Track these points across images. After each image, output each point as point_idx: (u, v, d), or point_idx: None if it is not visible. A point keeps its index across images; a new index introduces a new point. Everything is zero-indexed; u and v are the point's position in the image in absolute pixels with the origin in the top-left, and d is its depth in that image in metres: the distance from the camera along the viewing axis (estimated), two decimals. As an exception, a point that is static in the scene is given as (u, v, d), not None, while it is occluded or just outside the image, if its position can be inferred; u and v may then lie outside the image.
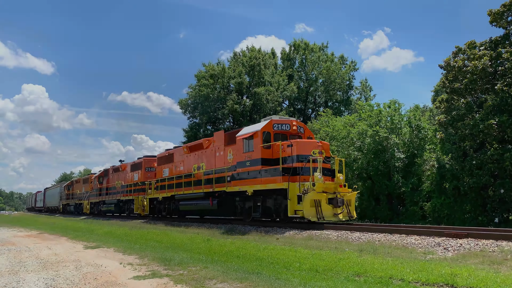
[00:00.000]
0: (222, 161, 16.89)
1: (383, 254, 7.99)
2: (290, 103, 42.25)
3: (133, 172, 27.11)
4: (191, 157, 19.71)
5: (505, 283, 5.26)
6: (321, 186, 12.39)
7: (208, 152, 18.27)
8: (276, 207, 13.87)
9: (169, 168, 21.94)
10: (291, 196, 12.63)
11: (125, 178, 28.44)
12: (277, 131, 14.66)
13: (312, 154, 13.01)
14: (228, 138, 16.70)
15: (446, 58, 18.99)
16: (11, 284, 6.59)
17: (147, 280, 6.53)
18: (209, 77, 38.90)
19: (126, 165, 28.94)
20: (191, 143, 20.55)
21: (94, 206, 34.61)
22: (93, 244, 12.43)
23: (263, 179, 13.79)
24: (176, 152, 21.58)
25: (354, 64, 43.55)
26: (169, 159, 22.23)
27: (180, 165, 20.90)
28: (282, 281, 5.89)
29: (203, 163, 18.40)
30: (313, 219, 12.23)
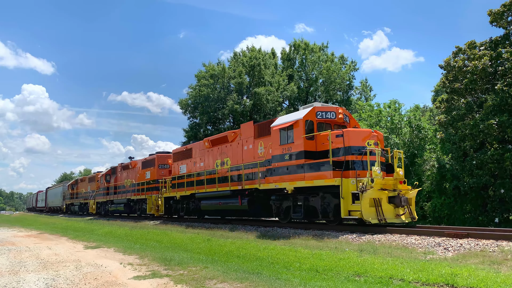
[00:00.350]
0: (251, 155, 15.36)
1: (383, 254, 7.99)
2: (290, 103, 42.25)
3: (145, 169, 25.37)
4: (213, 152, 18.01)
5: (505, 283, 5.26)
6: (380, 183, 10.76)
7: (233, 146, 16.60)
8: (324, 206, 12.03)
9: (186, 165, 20.24)
10: (345, 194, 10.85)
11: (135, 176, 26.72)
12: (320, 120, 12.83)
13: (366, 146, 11.43)
14: (259, 129, 15.11)
15: (446, 58, 19.00)
16: (11, 284, 6.60)
17: (147, 280, 6.53)
18: (209, 77, 38.92)
19: (137, 162, 27.20)
20: (213, 137, 18.53)
21: (101, 206, 32.96)
22: (93, 244, 12.43)
23: (307, 175, 12.03)
24: (195, 147, 19.89)
25: (354, 64, 43.56)
26: (186, 154, 20.52)
27: (199, 161, 19.21)
28: (282, 281, 5.89)
29: (228, 158, 16.80)
30: (373, 221, 10.47)
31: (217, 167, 17.54)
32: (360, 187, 10.61)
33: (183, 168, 20.58)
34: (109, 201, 30.72)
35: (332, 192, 11.53)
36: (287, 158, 12.92)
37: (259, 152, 14.92)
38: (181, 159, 20.88)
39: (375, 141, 11.70)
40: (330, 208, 11.84)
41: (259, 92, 36.64)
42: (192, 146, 20.24)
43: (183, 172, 20.38)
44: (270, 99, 37.17)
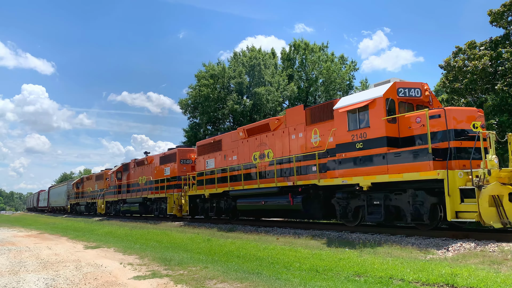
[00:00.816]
0: (301, 145, 13.13)
1: (383, 254, 7.99)
2: (291, 103, 42.23)
3: (164, 165, 23.06)
4: (250, 142, 15.66)
5: (505, 283, 5.25)
6: (497, 175, 8.59)
7: (277, 135, 14.31)
8: (416, 206, 9.58)
9: (215, 159, 17.93)
10: (452, 190, 8.59)
11: (152, 173, 24.20)
12: (402, 98, 10.53)
13: (472, 128, 9.26)
14: (312, 114, 12.78)
15: (446, 58, 18.99)
16: (11, 284, 6.60)
17: (147, 280, 6.53)
18: (209, 77, 38.91)
19: (153, 158, 24.82)
20: (250, 126, 16.03)
21: (111, 205, 30.55)
22: (93, 244, 12.43)
23: (392, 167, 9.66)
24: (226, 138, 17.51)
25: (354, 64, 43.54)
26: (215, 147, 18.15)
27: (231, 154, 16.88)
28: (282, 281, 5.89)
29: (269, 149, 14.59)
30: (496, 225, 8.22)
31: (255, 160, 15.30)
32: (475, 181, 8.36)
33: (210, 163, 18.30)
34: (121, 201, 28.19)
35: (427, 188, 9.36)
36: (360, 146, 10.54)
37: (313, 141, 12.62)
38: (208, 153, 18.56)
39: (481, 122, 9.56)
40: (424, 209, 9.41)
41: (259, 92, 36.63)
42: (221, 137, 17.85)
43: (210, 167, 18.14)
44: (270, 99, 37.16)
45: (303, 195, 12.64)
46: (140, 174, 25.96)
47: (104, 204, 31.61)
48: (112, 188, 30.05)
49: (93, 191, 35.81)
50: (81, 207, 39.09)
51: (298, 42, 43.30)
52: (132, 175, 27.50)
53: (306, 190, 12.69)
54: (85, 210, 37.96)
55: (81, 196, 40.28)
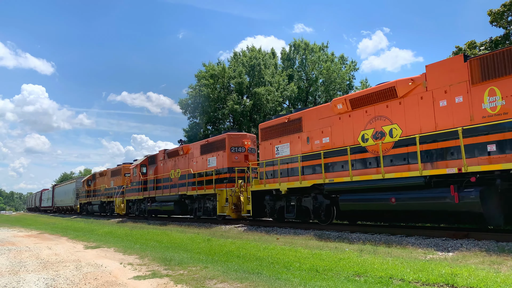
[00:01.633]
0: (461, 114, 9.08)
1: (383, 254, 7.99)
2: (291, 103, 42.25)
3: (207, 154, 19.24)
4: (356, 117, 11.65)
5: (505, 283, 5.25)
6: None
7: (408, 103, 10.30)
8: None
9: (291, 143, 14.08)
10: None
11: (189, 165, 20.39)
12: None
13: None
14: (483, 67, 8.75)
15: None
16: (11, 284, 6.60)
17: (147, 280, 6.53)
18: (209, 77, 38.92)
19: (191, 147, 20.94)
20: (357, 94, 11.82)
21: (134, 204, 26.58)
22: (93, 244, 12.43)
23: None
24: (310, 114, 13.44)
25: (354, 64, 43.57)
26: (290, 128, 14.24)
27: (320, 135, 12.82)
28: (282, 281, 5.89)
29: (393, 125, 10.56)
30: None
31: (364, 141, 11.23)
32: None
33: (283, 149, 14.45)
34: (148, 199, 24.28)
35: None
36: None
37: (489, 106, 8.59)
38: (278, 136, 14.83)
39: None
40: None
41: (259, 92, 36.64)
42: (301, 114, 13.84)
43: (284, 153, 14.32)
44: (270, 99, 37.17)
45: (481, 187, 8.41)
46: (173, 167, 22.04)
47: (125, 203, 27.41)
48: (135, 185, 25.80)
49: (108, 188, 32.06)
50: (94, 207, 35.13)
51: (298, 42, 43.32)
52: (161, 168, 23.32)
53: (483, 180, 8.53)
54: (98, 210, 33.98)
55: (93, 194, 36.34)
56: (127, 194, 27.31)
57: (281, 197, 14.13)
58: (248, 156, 17.77)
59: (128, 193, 27.16)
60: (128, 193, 27.10)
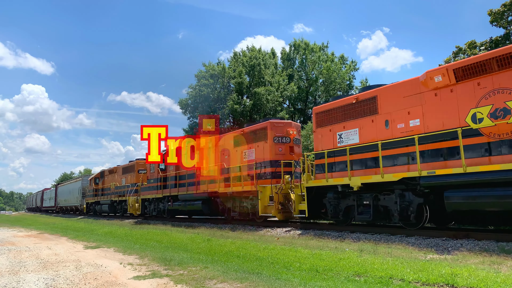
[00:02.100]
0: None
1: (383, 254, 7.99)
2: (291, 103, 42.25)
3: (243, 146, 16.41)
4: (462, 92, 9.17)
5: (505, 283, 5.25)
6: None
7: None
8: None
9: (360, 128, 11.65)
10: None
11: (221, 158, 17.59)
12: None
13: None
14: None
15: (447, 58, 19.02)
16: (11, 284, 6.59)
17: (147, 280, 6.53)
18: (209, 77, 38.93)
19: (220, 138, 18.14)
20: (467, 61, 9.28)
21: (151, 204, 23.78)
22: (93, 244, 12.43)
23: None
24: (387, 93, 11.00)
25: (354, 64, 43.56)
26: (360, 109, 11.74)
27: (404, 118, 10.40)
28: (282, 281, 5.88)
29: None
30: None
31: (476, 122, 8.77)
32: None
33: (348, 136, 11.99)
34: (168, 198, 21.43)
35: None
36: None
37: None
38: (340, 121, 12.31)
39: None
40: None
41: (259, 92, 36.64)
42: (375, 93, 11.37)
43: (350, 141, 11.86)
44: (270, 99, 37.17)
45: None
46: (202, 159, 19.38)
47: (140, 202, 24.67)
48: (152, 182, 23.02)
49: (119, 186, 29.36)
50: (103, 207, 32.28)
51: (298, 42, 43.32)
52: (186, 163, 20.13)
53: None
54: (108, 210, 31.29)
55: (101, 193, 33.55)
56: (142, 193, 24.46)
57: (349, 194, 11.75)
58: (294, 148, 15.13)
59: (144, 192, 24.36)
60: (144, 192, 24.25)
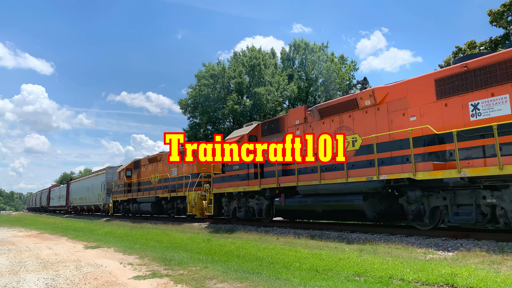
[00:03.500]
0: None
1: (383, 254, 7.99)
2: (291, 103, 42.27)
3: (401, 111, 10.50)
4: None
5: (505, 283, 5.26)
6: None
7: None
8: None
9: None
10: None
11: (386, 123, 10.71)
12: None
13: None
14: None
15: (446, 58, 19.03)
16: (11, 284, 6.60)
17: (147, 280, 6.53)
18: (209, 77, 38.95)
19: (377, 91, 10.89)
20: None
21: (232, 201, 16.52)
22: (93, 244, 12.44)
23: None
24: None
25: (354, 64, 43.61)
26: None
27: None
28: (282, 281, 5.89)
29: None
30: None
31: None
32: None
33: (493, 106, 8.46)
34: (270, 190, 14.00)
35: None
36: None
37: None
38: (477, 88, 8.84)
39: None
40: None
41: (259, 92, 36.66)
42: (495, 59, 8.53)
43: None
44: (270, 99, 37.19)
45: None
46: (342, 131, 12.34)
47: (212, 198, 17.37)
48: (237, 169, 15.72)
49: (169, 178, 21.98)
50: (143, 206, 24.34)
51: (298, 41, 43.34)
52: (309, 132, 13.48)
53: None
54: (152, 211, 23.25)
55: (138, 188, 25.98)
56: (217, 185, 16.90)
57: None
58: None
59: (219, 183, 16.81)
60: (219, 183, 16.79)
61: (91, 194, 36.61)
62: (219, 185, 16.92)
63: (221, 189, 16.65)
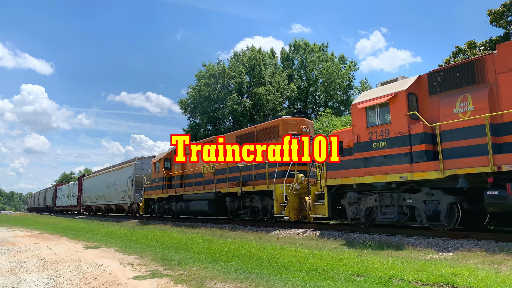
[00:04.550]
0: None
1: (383, 254, 7.99)
2: (290, 103, 42.27)
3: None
4: None
5: (505, 283, 5.26)
6: None
7: None
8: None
9: None
10: None
11: None
12: None
13: None
14: None
15: (447, 58, 19.00)
16: (11, 284, 6.60)
17: (147, 280, 6.53)
18: (209, 77, 38.97)
19: None
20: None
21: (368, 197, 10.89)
22: (93, 244, 12.43)
23: None
24: None
25: (354, 64, 43.60)
26: None
27: None
28: (282, 281, 5.89)
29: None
30: None
31: None
32: None
33: None
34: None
35: None
36: None
37: None
38: None
39: None
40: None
41: (259, 92, 36.68)
42: None
43: None
44: (270, 99, 37.20)
45: None
46: None
47: (326, 192, 11.94)
48: (384, 147, 10.20)
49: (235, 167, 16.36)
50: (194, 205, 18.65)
51: (298, 42, 43.36)
52: None
53: None
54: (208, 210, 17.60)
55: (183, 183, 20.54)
56: (340, 173, 11.44)
57: None
58: None
59: (343, 170, 11.34)
60: (345, 170, 11.29)
61: (113, 192, 30.65)
62: (341, 173, 11.39)
63: (347, 179, 11.18)
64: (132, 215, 28.07)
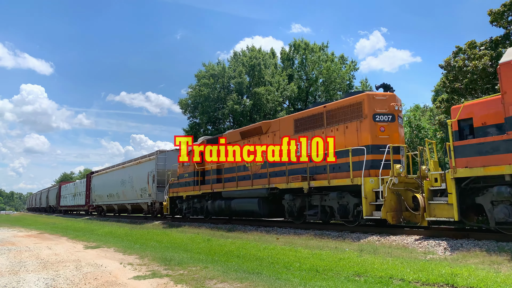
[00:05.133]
0: None
1: (383, 254, 7.99)
2: (291, 103, 42.26)
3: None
4: None
5: (505, 283, 5.25)
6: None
7: None
8: None
9: None
10: None
11: None
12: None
13: None
14: None
15: (447, 58, 18.98)
16: (11, 284, 6.60)
17: (147, 280, 6.53)
18: (209, 77, 38.96)
19: None
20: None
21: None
22: (93, 244, 12.43)
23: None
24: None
25: (354, 64, 43.58)
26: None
27: None
28: (282, 281, 5.89)
29: None
30: None
31: None
32: None
33: None
34: None
35: None
36: None
37: None
38: None
39: None
40: None
41: (259, 92, 36.66)
42: None
43: None
44: (270, 99, 37.19)
45: None
46: None
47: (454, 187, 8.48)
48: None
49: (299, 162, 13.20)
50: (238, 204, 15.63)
51: (298, 41, 43.34)
52: None
53: None
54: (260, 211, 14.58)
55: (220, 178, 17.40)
56: (481, 160, 8.18)
57: None
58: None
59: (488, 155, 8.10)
60: (491, 155, 8.04)
61: (128, 189, 27.07)
62: (483, 160, 8.20)
63: (494, 168, 7.94)
64: (153, 216, 24.44)
